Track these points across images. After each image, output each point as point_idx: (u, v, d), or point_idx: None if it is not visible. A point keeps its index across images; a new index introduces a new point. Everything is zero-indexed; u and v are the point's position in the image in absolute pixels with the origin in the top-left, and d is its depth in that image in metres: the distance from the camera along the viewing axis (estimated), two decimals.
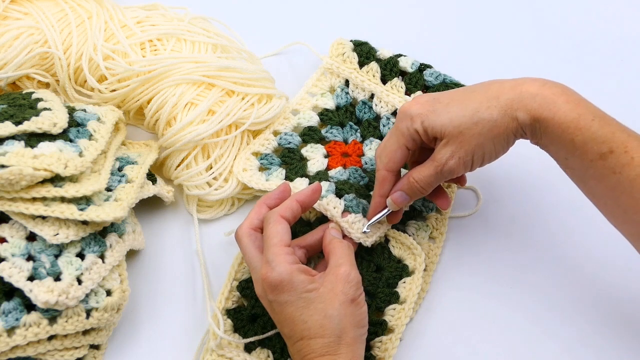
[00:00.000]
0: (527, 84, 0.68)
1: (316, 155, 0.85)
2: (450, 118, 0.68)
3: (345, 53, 0.90)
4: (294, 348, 0.68)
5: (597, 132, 0.65)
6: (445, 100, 0.70)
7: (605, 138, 0.64)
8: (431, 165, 0.70)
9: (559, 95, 0.66)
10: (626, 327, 0.77)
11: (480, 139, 0.68)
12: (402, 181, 0.73)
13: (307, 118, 0.87)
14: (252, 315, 0.77)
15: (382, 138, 0.86)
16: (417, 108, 0.70)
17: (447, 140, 0.69)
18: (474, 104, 0.68)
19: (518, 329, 0.78)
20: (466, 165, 0.70)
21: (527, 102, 0.67)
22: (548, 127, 0.66)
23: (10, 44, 0.83)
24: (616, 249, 0.79)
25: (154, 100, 0.83)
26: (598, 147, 0.65)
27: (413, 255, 0.79)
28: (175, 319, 0.79)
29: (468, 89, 0.71)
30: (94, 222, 0.72)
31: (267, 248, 0.69)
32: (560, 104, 0.66)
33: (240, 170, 0.83)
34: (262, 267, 0.68)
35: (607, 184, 0.65)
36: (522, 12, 1.01)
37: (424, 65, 0.89)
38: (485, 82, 0.71)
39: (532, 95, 0.67)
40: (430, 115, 0.69)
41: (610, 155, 0.64)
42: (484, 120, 0.67)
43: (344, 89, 0.89)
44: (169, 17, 0.89)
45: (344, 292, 0.67)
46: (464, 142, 0.68)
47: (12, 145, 0.71)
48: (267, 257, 0.68)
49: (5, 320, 0.68)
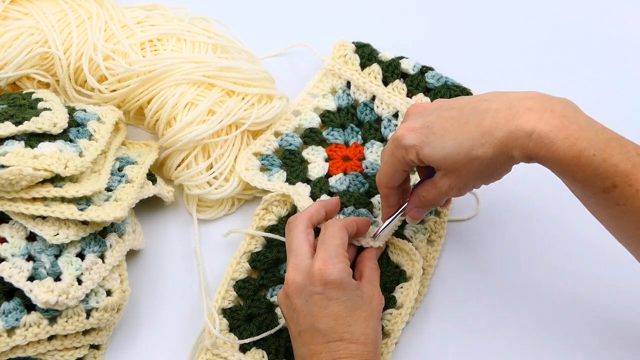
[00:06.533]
0: (523, 117, 0.62)
1: (317, 158, 0.85)
2: (445, 155, 0.66)
3: (347, 55, 0.90)
4: (326, 347, 0.67)
5: (598, 168, 0.61)
6: (439, 129, 0.67)
7: (607, 173, 0.61)
8: (434, 189, 0.70)
9: (557, 132, 0.62)
10: (626, 331, 0.77)
11: (478, 174, 0.67)
12: (413, 199, 0.74)
13: (308, 119, 0.87)
14: (248, 315, 0.77)
15: (382, 140, 0.86)
16: (411, 138, 0.68)
17: (444, 173, 0.68)
18: (468, 140, 0.65)
19: (516, 333, 0.77)
20: (467, 191, 0.70)
21: (523, 142, 0.62)
22: (546, 163, 0.64)
23: (10, 44, 0.83)
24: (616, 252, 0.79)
25: (154, 101, 0.83)
26: (601, 182, 0.62)
27: (411, 262, 0.79)
28: (175, 319, 0.79)
29: (462, 116, 0.67)
30: (94, 222, 0.72)
31: (329, 245, 0.70)
32: (558, 143, 0.61)
33: (243, 170, 0.83)
34: (316, 260, 0.69)
35: (611, 213, 0.64)
36: (525, 13, 1.01)
37: (425, 67, 0.89)
38: (478, 107, 0.66)
39: (527, 135, 0.62)
40: (425, 148, 0.67)
41: (613, 190, 0.62)
42: (479, 159, 0.65)
43: (346, 91, 0.89)
44: (169, 17, 0.89)
45: (379, 309, 0.72)
46: (461, 177, 0.67)
47: (12, 145, 0.71)
48: (329, 253, 0.69)
49: (5, 320, 0.69)
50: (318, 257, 0.69)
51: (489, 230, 0.83)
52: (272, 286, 0.78)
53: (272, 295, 0.78)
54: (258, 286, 0.78)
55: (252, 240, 0.81)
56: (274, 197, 0.82)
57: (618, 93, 0.93)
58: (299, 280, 0.69)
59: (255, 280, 0.79)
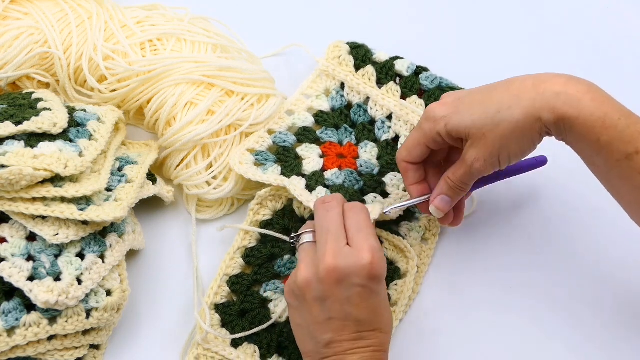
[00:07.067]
0: (550, 82, 0.66)
1: (311, 154, 0.84)
2: (472, 120, 0.67)
3: (341, 56, 0.90)
4: (359, 335, 0.67)
5: (623, 132, 0.64)
6: (468, 100, 0.69)
7: (631, 138, 0.64)
8: (462, 165, 0.70)
9: (584, 93, 0.65)
10: (626, 331, 0.77)
11: (504, 140, 0.67)
12: (439, 185, 0.73)
13: (302, 119, 0.87)
14: (241, 310, 0.77)
15: (376, 141, 0.86)
16: (442, 110, 0.70)
17: (471, 142, 0.68)
18: (495, 104, 0.67)
19: (511, 331, 0.78)
20: (493, 165, 0.69)
21: (551, 101, 0.65)
22: (573, 126, 0.65)
23: (10, 44, 0.83)
24: (616, 252, 0.80)
25: (154, 100, 0.83)
26: (624, 147, 0.64)
27: (406, 259, 0.79)
28: (175, 318, 0.79)
29: (490, 87, 0.70)
30: (94, 222, 0.72)
31: (369, 234, 0.68)
32: (585, 102, 0.64)
33: (237, 163, 0.82)
34: (363, 251, 0.66)
35: (632, 184, 0.65)
36: (523, 12, 1.01)
37: (420, 68, 0.89)
38: (506, 80, 0.69)
39: (556, 94, 0.65)
40: (454, 117, 0.68)
41: (636, 156, 0.64)
42: (505, 122, 0.66)
43: (339, 92, 0.89)
44: (169, 17, 0.89)
45: None
46: (487, 144, 0.67)
47: (12, 145, 0.72)
48: (375, 245, 0.67)
49: (5, 320, 0.69)
50: (364, 248, 0.67)
51: (484, 229, 0.83)
52: (265, 281, 0.78)
53: (266, 290, 0.78)
54: (252, 282, 0.78)
55: (246, 235, 0.81)
56: (268, 192, 0.81)
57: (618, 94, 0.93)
58: (342, 267, 0.66)
59: (249, 276, 0.78)
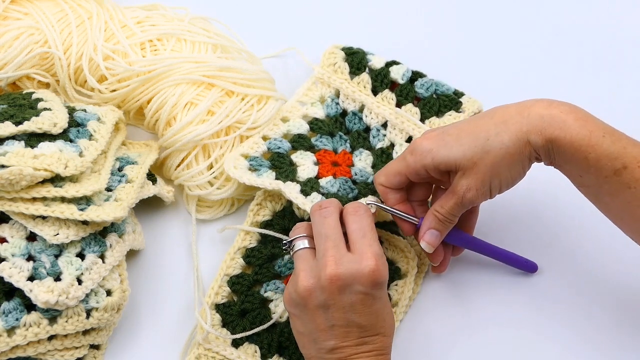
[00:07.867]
0: (533, 106, 0.67)
1: (306, 162, 0.83)
2: (462, 151, 0.68)
3: (336, 63, 0.89)
4: (362, 340, 0.67)
5: (609, 149, 0.65)
6: (455, 132, 0.69)
7: (618, 154, 0.65)
8: (452, 197, 0.70)
9: (567, 114, 0.66)
10: (626, 331, 0.78)
11: (495, 167, 0.67)
12: (427, 219, 0.73)
13: (296, 126, 0.86)
14: (241, 310, 0.77)
15: (371, 149, 0.85)
16: (428, 144, 0.70)
17: (462, 172, 0.69)
18: (483, 132, 0.68)
19: (511, 331, 0.78)
20: (484, 194, 0.70)
21: (537, 124, 0.66)
22: (561, 146, 0.66)
23: (10, 44, 0.83)
24: (614, 251, 0.80)
25: (154, 100, 0.83)
26: (611, 163, 0.65)
27: (406, 259, 0.79)
28: (175, 318, 0.79)
29: (474, 118, 0.71)
30: (94, 222, 0.72)
31: (372, 240, 0.68)
32: (570, 122, 0.66)
33: (231, 167, 0.82)
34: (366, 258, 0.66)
35: (622, 198, 0.66)
36: (523, 15, 1.01)
37: (416, 73, 0.88)
38: (489, 110, 0.70)
39: (541, 116, 0.66)
40: (441, 150, 0.69)
41: (624, 171, 0.65)
42: (495, 149, 0.67)
43: (335, 100, 0.88)
44: (169, 17, 0.89)
45: None
46: (479, 172, 0.68)
47: (12, 145, 0.72)
48: (378, 251, 0.67)
49: (5, 320, 0.69)
50: (367, 255, 0.66)
51: (484, 229, 0.83)
52: (266, 281, 0.78)
53: (266, 290, 0.78)
54: (252, 282, 0.78)
55: (246, 236, 0.81)
56: (268, 192, 0.81)
57: (618, 98, 0.93)
58: (345, 275, 0.66)
59: (249, 276, 0.78)
